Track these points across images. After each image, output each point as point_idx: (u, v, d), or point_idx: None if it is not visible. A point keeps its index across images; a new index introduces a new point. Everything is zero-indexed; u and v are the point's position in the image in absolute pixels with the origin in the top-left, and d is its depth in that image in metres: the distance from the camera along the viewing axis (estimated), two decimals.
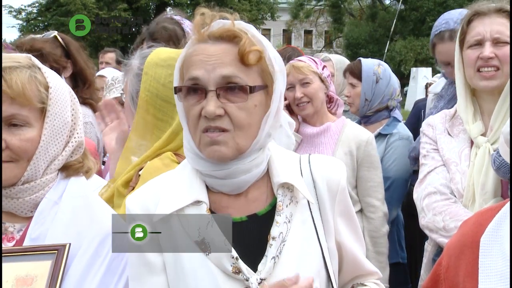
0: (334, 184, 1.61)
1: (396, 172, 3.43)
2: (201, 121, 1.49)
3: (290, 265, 1.50)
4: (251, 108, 1.50)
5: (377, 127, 3.64)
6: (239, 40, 1.49)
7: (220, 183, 1.55)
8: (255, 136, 1.52)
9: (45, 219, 1.58)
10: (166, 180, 1.61)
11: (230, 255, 1.48)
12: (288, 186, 1.56)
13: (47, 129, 1.60)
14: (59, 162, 1.64)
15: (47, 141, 1.60)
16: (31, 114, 1.57)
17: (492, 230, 1.33)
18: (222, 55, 1.49)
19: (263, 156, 1.57)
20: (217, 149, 1.49)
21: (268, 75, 1.53)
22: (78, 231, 1.56)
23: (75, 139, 1.67)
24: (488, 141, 2.44)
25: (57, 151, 1.63)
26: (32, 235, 1.56)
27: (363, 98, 3.66)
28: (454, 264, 1.39)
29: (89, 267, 1.52)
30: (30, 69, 1.60)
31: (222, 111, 1.47)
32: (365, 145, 3.14)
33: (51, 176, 1.63)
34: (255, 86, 1.50)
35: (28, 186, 1.60)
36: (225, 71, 1.48)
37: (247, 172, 1.54)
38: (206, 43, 1.52)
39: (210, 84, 1.48)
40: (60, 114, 1.63)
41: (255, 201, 1.57)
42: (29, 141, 1.57)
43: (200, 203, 1.53)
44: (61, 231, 1.56)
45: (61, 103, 1.63)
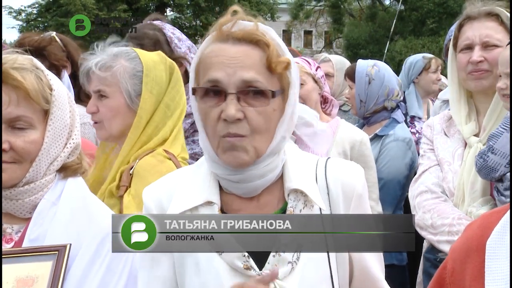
0: (349, 189, 1.58)
1: (389, 174, 3.43)
2: (220, 125, 1.48)
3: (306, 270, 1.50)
4: (270, 112, 1.50)
5: (377, 128, 3.64)
6: (264, 45, 1.48)
7: (234, 186, 1.55)
8: (271, 140, 1.52)
9: (43, 220, 1.59)
10: (182, 177, 1.61)
11: (241, 254, 1.48)
12: (300, 192, 1.54)
13: (50, 131, 1.61)
14: (58, 163, 1.66)
15: (50, 143, 1.61)
16: (35, 116, 1.59)
17: (498, 233, 1.32)
18: (243, 58, 1.47)
19: (278, 161, 1.56)
20: (237, 155, 1.48)
21: (286, 80, 1.53)
22: (77, 231, 1.57)
23: (73, 141, 1.68)
24: (480, 141, 2.50)
25: (57, 152, 1.64)
26: (31, 236, 1.57)
27: (358, 100, 3.67)
28: (460, 268, 1.37)
29: (90, 267, 1.53)
30: (35, 71, 1.61)
31: (241, 114, 1.47)
32: (359, 145, 3.16)
33: (50, 177, 1.65)
34: (276, 91, 1.49)
35: (29, 188, 1.61)
36: (247, 75, 1.46)
37: (261, 177, 1.54)
38: (226, 43, 1.50)
39: (231, 87, 1.47)
40: (61, 116, 1.64)
41: (266, 205, 1.56)
42: (33, 143, 1.59)
43: (212, 204, 1.53)
44: (60, 231, 1.56)
45: (62, 105, 1.65)
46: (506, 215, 1.34)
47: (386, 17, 29.13)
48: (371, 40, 28.07)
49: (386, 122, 3.67)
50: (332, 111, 3.36)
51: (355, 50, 28.50)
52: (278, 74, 1.51)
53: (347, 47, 30.12)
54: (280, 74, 1.52)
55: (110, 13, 25.74)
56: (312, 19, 37.02)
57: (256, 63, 1.48)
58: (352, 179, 1.59)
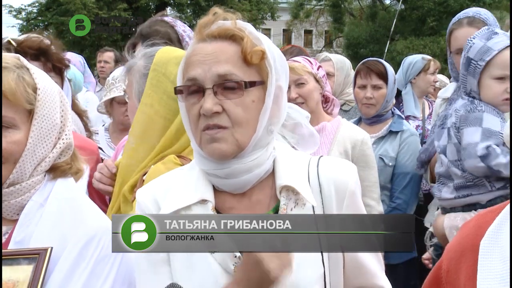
0: (341, 187, 1.58)
1: (414, 167, 3.51)
2: (201, 120, 1.51)
3: None
4: (249, 103, 1.52)
5: (381, 127, 3.72)
6: (239, 39, 1.51)
7: (222, 183, 1.56)
8: (253, 132, 1.53)
9: (30, 222, 1.55)
10: (176, 177, 1.63)
11: (233, 254, 1.48)
12: (292, 189, 1.54)
13: (34, 132, 1.57)
14: (46, 164, 1.61)
15: (34, 143, 1.57)
16: (17, 115, 1.55)
17: (492, 233, 1.32)
18: (218, 54, 1.51)
19: (265, 156, 1.56)
20: (217, 147, 1.50)
21: (265, 71, 1.54)
22: (63, 233, 1.53)
23: (63, 141, 1.64)
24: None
25: (45, 153, 1.60)
26: (16, 238, 1.54)
27: (385, 100, 3.77)
28: (455, 267, 1.37)
29: (72, 270, 1.50)
30: (18, 70, 1.57)
31: (219, 108, 1.49)
32: (360, 144, 3.17)
33: (37, 178, 1.60)
34: (250, 81, 1.51)
35: (14, 189, 1.57)
36: (221, 69, 1.50)
37: (248, 172, 1.54)
38: (205, 42, 1.54)
39: (207, 83, 1.50)
40: (48, 116, 1.59)
41: (258, 204, 1.57)
42: (16, 143, 1.54)
43: (205, 202, 1.54)
44: (45, 234, 1.53)
45: (49, 104, 1.60)
46: (500, 215, 1.34)
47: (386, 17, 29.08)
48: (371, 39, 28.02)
49: (393, 119, 3.76)
50: (334, 110, 3.37)
51: (356, 49, 28.46)
52: (256, 66, 1.54)
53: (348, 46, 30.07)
54: (258, 65, 1.54)
55: (110, 12, 25.70)
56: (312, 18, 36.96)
57: (230, 57, 1.52)
58: (344, 176, 1.60)
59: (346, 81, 4.87)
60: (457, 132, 2.82)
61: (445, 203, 2.89)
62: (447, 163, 2.86)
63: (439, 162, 2.96)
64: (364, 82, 3.88)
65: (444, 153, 2.89)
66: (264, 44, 1.56)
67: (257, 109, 1.55)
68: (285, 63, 1.63)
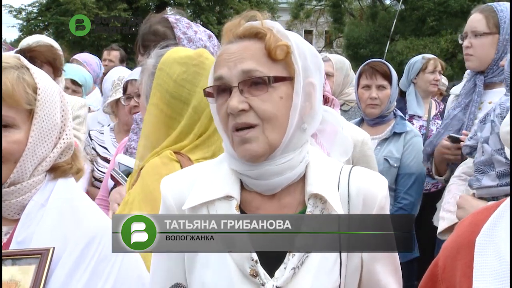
0: (371, 200, 1.55)
1: (418, 168, 3.56)
2: (229, 120, 1.50)
3: (308, 278, 1.48)
4: (276, 99, 1.50)
5: (384, 128, 3.74)
6: (264, 36, 1.50)
7: (253, 183, 1.55)
8: (284, 131, 1.51)
9: (31, 222, 1.55)
10: (202, 170, 1.61)
11: (250, 257, 1.47)
12: (320, 197, 1.52)
13: (34, 131, 1.57)
14: (47, 163, 1.61)
15: (35, 143, 1.57)
16: (18, 115, 1.55)
17: (487, 230, 1.33)
18: (242, 51, 1.50)
19: (298, 159, 1.54)
20: (248, 147, 1.49)
21: (293, 67, 1.53)
22: (64, 234, 1.53)
23: (63, 141, 1.64)
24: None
25: (45, 153, 1.60)
26: (18, 239, 1.54)
27: (389, 100, 3.79)
28: (451, 265, 1.38)
29: (74, 270, 1.50)
30: (18, 70, 1.57)
31: (246, 105, 1.48)
32: (361, 145, 3.17)
33: (38, 178, 1.61)
34: (275, 76, 1.49)
35: (14, 189, 1.57)
36: (245, 66, 1.49)
37: (279, 174, 1.53)
38: (231, 43, 1.54)
39: (233, 81, 1.50)
40: (48, 116, 1.60)
41: (286, 207, 1.55)
42: (16, 143, 1.55)
43: (231, 198, 1.53)
44: (47, 234, 1.53)
45: (50, 104, 1.60)
46: (495, 212, 1.35)
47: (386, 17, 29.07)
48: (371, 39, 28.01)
49: (395, 120, 3.78)
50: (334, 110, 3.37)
51: (356, 49, 28.44)
52: (283, 62, 1.53)
53: (348, 46, 30.06)
54: (285, 61, 1.53)
55: (110, 12, 25.70)
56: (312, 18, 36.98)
57: (255, 53, 1.51)
58: (375, 189, 1.57)
59: (346, 81, 4.88)
60: (502, 121, 2.83)
61: (485, 192, 2.84)
62: (490, 151, 2.84)
63: (480, 151, 2.94)
64: (369, 82, 3.89)
65: (487, 143, 2.88)
66: (291, 40, 1.54)
67: (286, 106, 1.52)
68: (318, 60, 1.61)
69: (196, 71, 2.16)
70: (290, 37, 1.55)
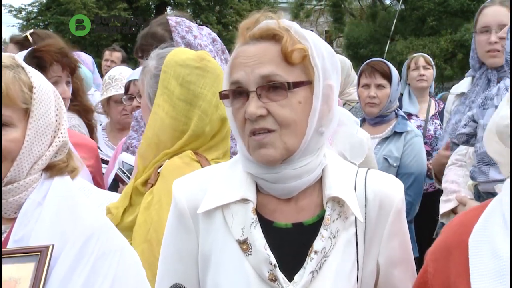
0: (387, 203, 1.54)
1: (417, 168, 3.57)
2: (247, 125, 1.46)
3: (327, 281, 1.46)
4: (295, 105, 1.46)
5: (385, 127, 3.75)
6: (280, 38, 1.46)
7: (270, 186, 1.52)
8: (303, 135, 1.48)
9: (28, 220, 1.55)
10: (216, 173, 1.59)
11: (269, 261, 1.44)
12: (338, 201, 1.50)
13: (31, 130, 1.57)
14: (43, 162, 1.62)
15: (31, 141, 1.57)
16: (14, 114, 1.55)
17: (479, 230, 1.32)
18: (260, 55, 1.46)
19: (315, 162, 1.52)
20: (265, 152, 1.46)
21: (311, 70, 1.49)
22: (62, 231, 1.53)
23: (59, 139, 1.65)
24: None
25: (41, 151, 1.60)
26: (15, 237, 1.54)
27: (388, 100, 3.79)
28: (443, 267, 1.36)
29: (73, 268, 1.49)
30: (14, 70, 1.58)
31: (264, 111, 1.45)
32: None
33: (34, 177, 1.61)
34: (294, 82, 1.45)
35: (11, 187, 1.57)
36: (264, 71, 1.45)
37: (297, 178, 1.50)
38: (248, 44, 1.49)
39: (251, 85, 1.46)
40: (44, 114, 1.60)
41: (303, 210, 1.53)
42: (13, 142, 1.55)
43: (247, 201, 1.50)
44: (45, 232, 1.53)
45: (45, 103, 1.61)
46: (486, 211, 1.34)
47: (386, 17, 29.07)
48: (371, 39, 28.01)
49: (397, 120, 3.79)
50: None
51: (356, 49, 28.45)
52: (301, 65, 1.49)
53: (348, 46, 30.05)
54: (303, 64, 1.49)
55: (110, 12, 25.69)
56: (312, 18, 36.94)
57: (273, 57, 1.47)
58: (392, 193, 1.56)
59: (347, 81, 4.88)
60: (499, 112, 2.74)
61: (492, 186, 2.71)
62: None
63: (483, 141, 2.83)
64: (368, 81, 3.89)
65: None
66: (309, 42, 1.51)
67: (304, 110, 1.49)
68: (335, 61, 1.57)
69: (199, 74, 2.18)
70: (308, 38, 1.51)
